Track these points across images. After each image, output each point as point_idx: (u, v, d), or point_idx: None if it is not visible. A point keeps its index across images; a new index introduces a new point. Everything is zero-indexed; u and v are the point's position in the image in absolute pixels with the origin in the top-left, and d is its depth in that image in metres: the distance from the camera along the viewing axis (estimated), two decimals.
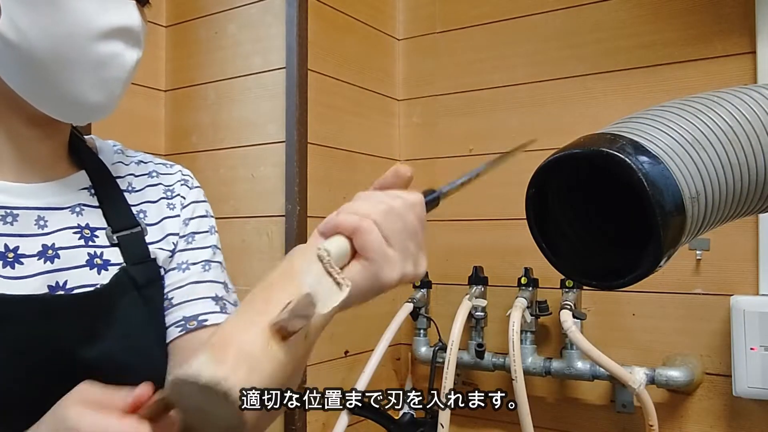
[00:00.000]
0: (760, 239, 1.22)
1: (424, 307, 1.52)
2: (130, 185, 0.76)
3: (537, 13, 1.47)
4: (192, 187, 0.80)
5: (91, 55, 0.62)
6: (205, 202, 0.81)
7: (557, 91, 1.44)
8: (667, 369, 1.26)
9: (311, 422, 1.34)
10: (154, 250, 0.73)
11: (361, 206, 0.54)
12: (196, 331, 0.71)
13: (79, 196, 0.71)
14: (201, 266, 0.76)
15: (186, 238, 0.77)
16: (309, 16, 1.36)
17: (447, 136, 1.59)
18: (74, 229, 0.68)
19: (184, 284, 0.74)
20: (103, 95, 0.65)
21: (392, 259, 0.53)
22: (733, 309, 1.20)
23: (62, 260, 0.65)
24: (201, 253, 0.77)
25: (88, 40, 0.62)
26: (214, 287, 0.75)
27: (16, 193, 0.66)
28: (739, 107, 0.60)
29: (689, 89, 1.28)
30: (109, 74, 0.64)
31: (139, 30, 0.65)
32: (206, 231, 0.79)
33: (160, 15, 1.53)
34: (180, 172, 0.81)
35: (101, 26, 0.62)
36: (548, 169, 0.61)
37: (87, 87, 0.63)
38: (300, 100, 1.32)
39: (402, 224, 0.54)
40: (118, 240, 0.70)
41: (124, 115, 1.44)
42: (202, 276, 0.75)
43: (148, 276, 0.71)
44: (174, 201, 0.78)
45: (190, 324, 0.71)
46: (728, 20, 1.26)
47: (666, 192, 0.54)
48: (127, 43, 0.65)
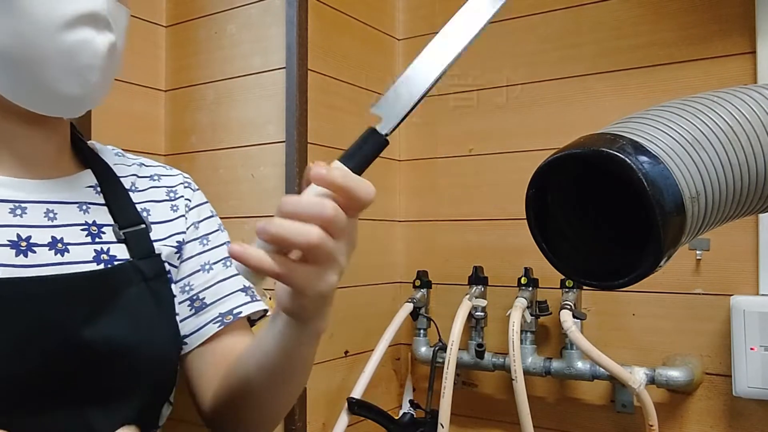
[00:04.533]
0: (760, 239, 1.22)
1: (424, 307, 1.52)
2: (133, 185, 0.78)
3: (537, 13, 1.47)
4: (195, 190, 0.85)
5: (60, 46, 0.62)
6: (208, 203, 0.86)
7: (557, 91, 1.44)
8: (667, 369, 1.26)
9: (311, 422, 1.34)
10: (159, 247, 0.76)
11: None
12: (233, 323, 0.77)
13: (85, 193, 0.72)
14: (222, 264, 0.80)
15: (200, 240, 0.80)
16: (309, 16, 1.36)
17: (447, 136, 1.59)
18: (82, 225, 0.69)
19: (212, 284, 0.78)
20: (78, 85, 0.64)
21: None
22: (733, 309, 1.20)
23: (71, 255, 0.67)
24: (218, 251, 0.81)
25: (54, 31, 0.61)
26: (239, 280, 0.80)
27: (24, 188, 0.67)
28: (739, 107, 0.60)
29: (689, 89, 1.28)
30: (81, 62, 0.63)
31: (106, 13, 0.64)
32: (217, 230, 0.83)
33: (160, 15, 1.53)
34: (181, 175, 0.84)
35: (65, 15, 0.62)
36: (548, 169, 0.61)
37: (60, 79, 0.63)
38: (300, 100, 1.32)
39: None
40: (125, 236, 0.72)
41: (124, 115, 1.44)
42: (225, 273, 0.80)
43: (155, 270, 0.73)
44: (177, 203, 0.80)
45: (227, 318, 0.77)
46: (728, 20, 1.26)
47: (666, 192, 0.54)
48: (97, 28, 0.64)
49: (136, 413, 0.67)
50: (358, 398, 1.31)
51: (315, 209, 0.48)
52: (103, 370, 0.64)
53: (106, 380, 0.64)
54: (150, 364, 0.68)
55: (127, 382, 0.66)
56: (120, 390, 0.66)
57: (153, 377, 0.69)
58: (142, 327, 0.68)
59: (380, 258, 1.57)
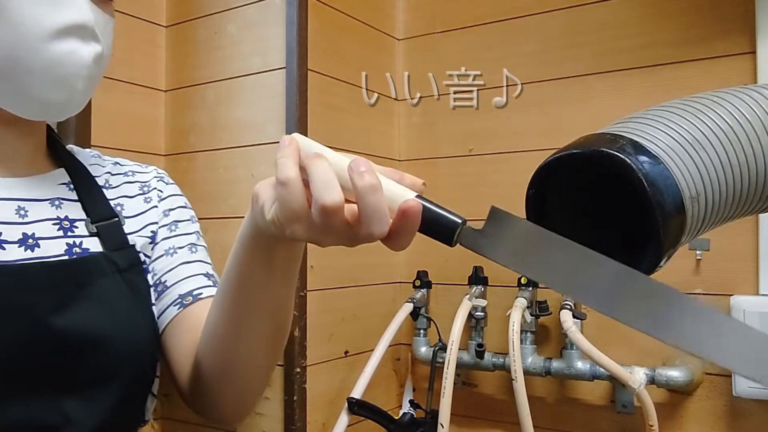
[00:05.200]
0: (760, 239, 1.22)
1: (424, 307, 1.52)
2: (107, 182, 0.79)
3: (537, 13, 1.47)
4: (168, 183, 0.84)
5: (46, 55, 0.63)
6: (183, 196, 0.85)
7: (557, 91, 1.44)
8: (667, 369, 1.26)
9: (311, 422, 1.34)
10: (133, 238, 0.76)
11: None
12: (192, 305, 0.74)
13: (58, 190, 0.73)
14: (188, 249, 0.79)
15: (169, 227, 0.80)
16: (309, 16, 1.36)
17: (447, 136, 1.59)
18: (53, 220, 0.70)
19: (174, 266, 0.77)
20: (64, 93, 0.66)
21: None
22: (733, 309, 1.20)
23: (42, 249, 0.67)
24: (186, 238, 0.80)
25: (41, 41, 0.63)
26: (203, 266, 0.79)
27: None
28: (739, 107, 0.60)
29: (689, 89, 1.27)
30: (66, 71, 0.65)
31: (93, 25, 0.66)
32: (188, 219, 0.82)
33: (160, 15, 1.53)
34: (155, 170, 0.84)
35: (51, 26, 0.63)
36: (548, 169, 0.61)
37: (46, 86, 0.65)
38: (300, 100, 1.32)
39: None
40: (97, 229, 0.72)
41: (124, 115, 1.44)
42: (190, 257, 0.79)
43: (129, 260, 0.73)
44: (150, 194, 0.81)
45: (186, 300, 0.75)
46: (728, 20, 1.26)
47: (666, 192, 0.54)
48: (83, 38, 0.65)
49: (116, 404, 0.66)
50: (358, 398, 1.31)
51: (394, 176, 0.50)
52: (77, 359, 0.64)
53: (81, 370, 0.64)
54: (127, 354, 0.67)
55: (103, 372, 0.66)
56: (96, 380, 0.65)
57: (131, 367, 0.68)
58: (117, 316, 0.68)
59: (380, 258, 1.57)
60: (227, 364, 0.68)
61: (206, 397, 0.72)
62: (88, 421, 0.64)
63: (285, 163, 0.49)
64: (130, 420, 0.72)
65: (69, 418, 0.63)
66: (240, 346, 0.67)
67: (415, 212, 0.48)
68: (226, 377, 0.69)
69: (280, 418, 1.33)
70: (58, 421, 0.63)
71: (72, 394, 0.64)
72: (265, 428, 1.35)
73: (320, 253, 1.37)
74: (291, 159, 0.50)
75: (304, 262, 1.33)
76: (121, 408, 0.67)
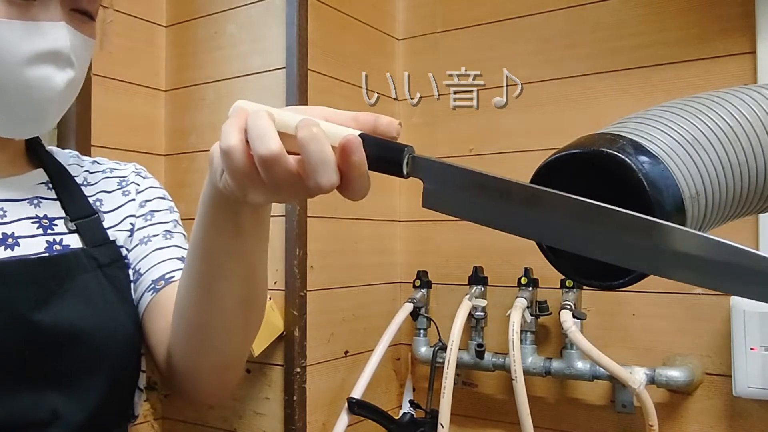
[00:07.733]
0: (760, 239, 1.22)
1: (424, 307, 1.52)
2: (85, 180, 0.80)
3: (537, 13, 1.47)
4: (146, 177, 0.84)
5: (21, 80, 0.66)
6: (162, 189, 0.85)
7: (557, 91, 1.44)
8: (667, 369, 1.26)
9: (311, 422, 1.34)
10: (113, 233, 0.76)
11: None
12: (165, 288, 0.74)
13: (36, 189, 0.74)
14: (162, 236, 0.79)
15: (144, 217, 0.80)
16: (309, 16, 1.36)
17: (447, 136, 1.59)
18: (32, 219, 0.71)
19: (147, 253, 0.77)
20: (36, 114, 0.69)
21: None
22: (733, 309, 1.20)
23: (22, 248, 0.68)
24: (161, 226, 0.80)
25: (17, 66, 0.65)
26: (178, 250, 0.78)
27: None
28: (739, 107, 0.60)
29: (689, 89, 1.28)
30: (39, 95, 0.67)
31: (68, 51, 0.67)
32: (166, 209, 0.82)
33: (160, 15, 1.53)
34: (134, 166, 0.85)
35: (27, 53, 0.65)
36: (548, 169, 0.61)
37: (18, 108, 0.67)
38: (300, 100, 1.32)
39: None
40: (77, 226, 0.73)
41: (124, 115, 1.44)
42: (164, 243, 0.78)
43: (110, 256, 0.73)
44: (129, 188, 0.82)
45: (159, 285, 0.74)
46: (728, 20, 1.26)
47: (666, 192, 0.54)
48: (57, 65, 0.67)
49: (102, 399, 0.66)
50: (358, 398, 1.31)
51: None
52: (60, 354, 0.64)
53: (65, 364, 0.65)
54: (109, 348, 0.68)
55: (87, 367, 0.66)
56: (81, 375, 0.66)
57: (115, 361, 0.68)
58: (98, 311, 0.68)
59: (380, 258, 1.57)
60: (201, 335, 0.67)
61: (184, 374, 0.71)
62: (76, 416, 0.64)
63: (227, 131, 0.48)
64: (118, 415, 0.72)
65: (57, 413, 0.64)
66: (212, 315, 0.65)
67: (353, 146, 0.46)
68: (202, 350, 0.68)
69: (280, 418, 1.33)
70: (46, 417, 0.63)
71: (57, 389, 0.64)
72: (265, 428, 1.35)
73: (320, 253, 1.37)
74: (234, 126, 0.48)
75: (304, 262, 1.33)
76: (107, 402, 0.67)
